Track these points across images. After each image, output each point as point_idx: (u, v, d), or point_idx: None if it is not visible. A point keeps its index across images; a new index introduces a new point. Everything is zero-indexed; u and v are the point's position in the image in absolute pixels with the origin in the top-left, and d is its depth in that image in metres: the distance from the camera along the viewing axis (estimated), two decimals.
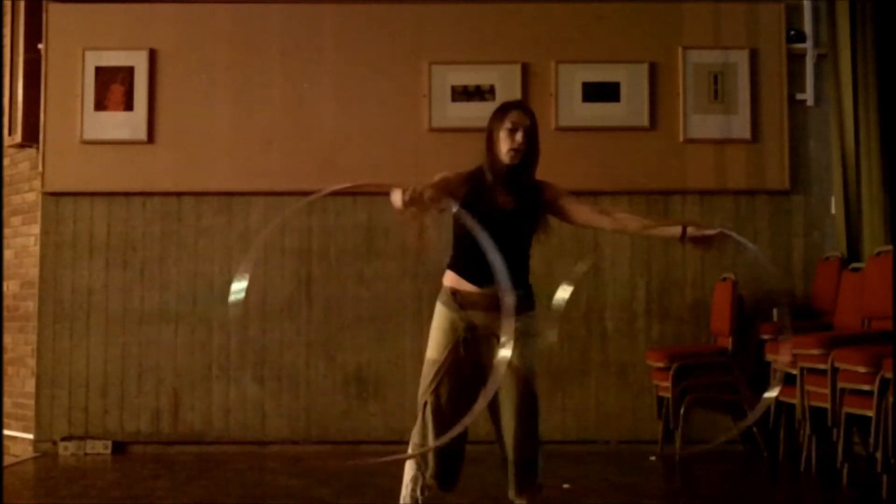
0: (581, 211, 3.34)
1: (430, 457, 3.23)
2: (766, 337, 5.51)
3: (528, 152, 3.26)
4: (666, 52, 6.10)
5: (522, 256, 3.30)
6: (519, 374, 3.22)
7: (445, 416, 3.20)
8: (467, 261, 3.25)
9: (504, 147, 3.23)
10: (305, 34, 6.16)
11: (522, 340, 3.22)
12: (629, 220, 3.37)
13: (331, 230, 6.08)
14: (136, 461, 5.73)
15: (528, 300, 3.31)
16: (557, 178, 3.47)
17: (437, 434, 3.18)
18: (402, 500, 3.29)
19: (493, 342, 3.22)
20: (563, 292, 3.26)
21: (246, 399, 6.02)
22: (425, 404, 3.24)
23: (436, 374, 3.23)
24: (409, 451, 3.28)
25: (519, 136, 3.22)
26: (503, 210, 3.22)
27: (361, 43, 6.13)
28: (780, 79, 6.09)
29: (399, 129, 6.09)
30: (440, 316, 3.29)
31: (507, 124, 3.23)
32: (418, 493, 3.26)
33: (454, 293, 3.27)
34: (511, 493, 3.32)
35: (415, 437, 3.29)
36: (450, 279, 3.31)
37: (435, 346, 3.27)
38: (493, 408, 3.27)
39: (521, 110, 3.28)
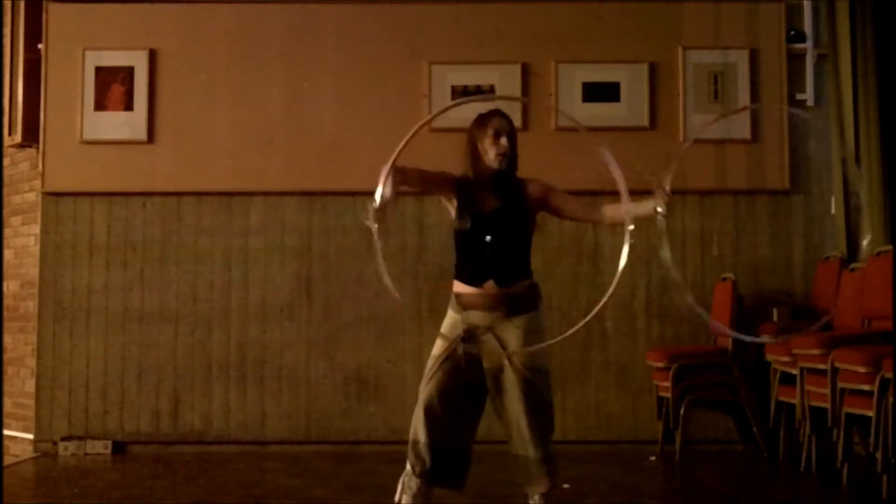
0: (570, 205, 3.48)
1: (424, 452, 3.28)
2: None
3: (512, 155, 3.42)
4: (666, 52, 6.09)
5: (519, 255, 3.40)
6: (520, 373, 3.28)
7: (436, 411, 3.28)
8: (462, 264, 3.40)
9: (492, 153, 3.39)
10: (305, 34, 6.16)
11: (524, 339, 3.30)
12: (609, 210, 3.45)
13: (331, 230, 6.08)
14: (136, 461, 5.73)
15: (531, 299, 3.39)
16: (557, 178, 3.50)
17: (428, 428, 3.27)
18: (395, 498, 3.37)
19: (493, 342, 3.30)
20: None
21: (246, 399, 6.02)
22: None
23: (431, 369, 3.33)
24: (409, 446, 3.34)
25: (504, 141, 3.39)
26: (491, 212, 3.36)
27: (361, 43, 6.13)
28: (780, 79, 6.08)
29: (399, 129, 6.04)
30: (447, 318, 3.42)
31: (491, 131, 3.41)
32: (406, 486, 3.33)
33: (457, 296, 3.39)
34: (529, 490, 3.40)
35: (411, 431, 3.35)
36: (454, 285, 3.43)
37: (437, 344, 3.37)
38: (498, 408, 3.35)
39: (502, 116, 3.46)
